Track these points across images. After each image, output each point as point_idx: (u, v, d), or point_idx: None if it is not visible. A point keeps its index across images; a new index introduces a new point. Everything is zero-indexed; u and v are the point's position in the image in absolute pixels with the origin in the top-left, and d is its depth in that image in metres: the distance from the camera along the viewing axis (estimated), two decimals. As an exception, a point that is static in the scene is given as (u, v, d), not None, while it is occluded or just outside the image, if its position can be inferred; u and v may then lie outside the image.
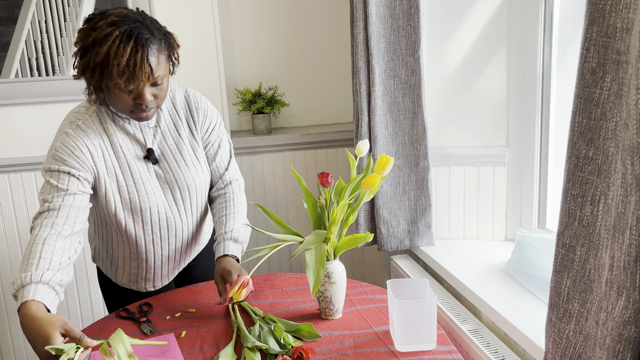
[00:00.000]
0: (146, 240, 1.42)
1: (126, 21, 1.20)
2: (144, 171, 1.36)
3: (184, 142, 1.41)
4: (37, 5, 2.14)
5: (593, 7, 0.88)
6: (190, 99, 1.43)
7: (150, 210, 1.37)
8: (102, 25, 1.19)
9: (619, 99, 0.86)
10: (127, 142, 1.35)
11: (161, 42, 1.23)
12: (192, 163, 1.41)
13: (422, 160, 1.83)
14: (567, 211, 0.98)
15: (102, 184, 1.32)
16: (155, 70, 1.21)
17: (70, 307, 2.28)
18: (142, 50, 1.18)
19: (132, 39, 1.17)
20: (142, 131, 1.36)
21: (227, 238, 1.39)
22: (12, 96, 2.10)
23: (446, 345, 1.18)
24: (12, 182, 2.15)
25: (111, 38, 1.17)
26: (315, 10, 2.38)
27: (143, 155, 1.36)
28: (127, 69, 1.17)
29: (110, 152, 1.33)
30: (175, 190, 1.40)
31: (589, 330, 0.96)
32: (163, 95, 1.28)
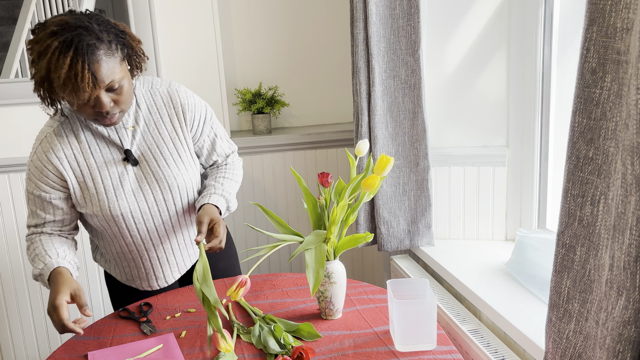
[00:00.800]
0: (127, 242, 1.40)
1: (67, 29, 1.13)
2: (121, 175, 1.33)
3: (164, 140, 1.36)
4: (37, 5, 2.14)
5: (593, 7, 0.88)
6: (174, 95, 1.37)
7: (124, 217, 1.34)
8: (42, 37, 1.14)
9: (619, 99, 0.86)
10: (104, 146, 1.32)
11: (111, 45, 1.18)
12: (173, 162, 1.37)
13: (422, 160, 1.83)
14: (567, 211, 0.98)
15: (73, 194, 1.33)
16: (103, 78, 1.15)
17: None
18: (83, 59, 1.12)
19: (71, 49, 1.11)
20: (118, 133, 1.32)
21: (217, 193, 1.38)
22: (12, 96, 2.10)
23: (446, 345, 1.18)
24: (12, 182, 2.15)
25: (50, 50, 1.12)
26: (315, 10, 2.38)
27: (122, 158, 1.33)
28: (68, 80, 1.12)
29: (81, 161, 1.31)
30: (156, 191, 1.36)
31: (589, 330, 0.96)
32: (125, 98, 1.23)
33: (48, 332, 2.29)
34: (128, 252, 1.43)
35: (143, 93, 1.37)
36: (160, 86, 1.38)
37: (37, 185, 1.31)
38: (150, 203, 1.36)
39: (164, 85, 1.39)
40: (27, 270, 2.22)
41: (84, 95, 1.15)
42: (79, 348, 1.27)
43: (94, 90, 1.15)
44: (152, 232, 1.40)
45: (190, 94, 1.41)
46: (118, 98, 1.21)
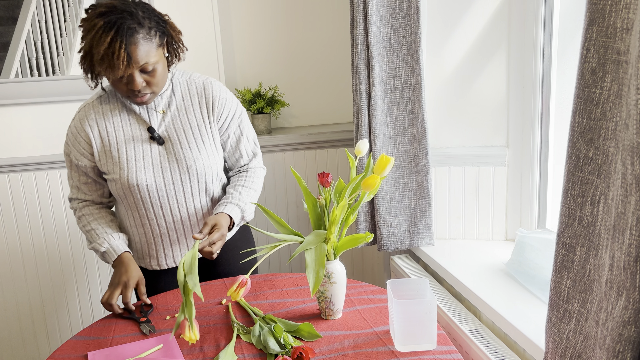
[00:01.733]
0: (141, 214, 1.49)
1: (113, 12, 1.27)
2: (144, 150, 1.43)
3: (191, 126, 1.46)
4: (37, 5, 2.14)
5: (593, 7, 0.88)
6: (208, 87, 1.48)
7: (139, 187, 1.43)
8: (91, 16, 1.28)
9: (619, 99, 0.86)
10: (134, 123, 1.44)
11: (150, 30, 1.30)
12: (196, 147, 1.45)
13: (422, 160, 1.83)
14: (567, 211, 0.98)
15: (97, 160, 1.45)
16: (137, 59, 1.28)
17: (70, 306, 2.28)
18: (121, 40, 1.25)
19: (113, 29, 1.25)
20: (148, 113, 1.44)
21: (234, 203, 1.47)
22: (12, 96, 2.10)
23: (446, 345, 1.18)
24: (12, 182, 2.15)
25: (95, 28, 1.26)
26: (315, 10, 2.38)
27: (148, 136, 1.44)
28: (105, 57, 1.25)
29: (110, 132, 1.43)
30: (175, 170, 1.45)
31: (589, 330, 0.96)
32: (157, 81, 1.35)
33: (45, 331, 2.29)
34: (141, 226, 1.51)
35: (180, 81, 1.48)
36: (197, 78, 1.50)
37: (71, 150, 1.46)
38: (167, 180, 1.45)
39: (202, 78, 1.51)
40: (27, 271, 2.22)
41: (118, 72, 1.27)
42: (79, 348, 1.27)
43: (127, 69, 1.28)
44: (166, 210, 1.48)
45: (225, 90, 1.51)
46: (150, 80, 1.34)
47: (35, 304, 2.25)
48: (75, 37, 2.19)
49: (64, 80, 2.13)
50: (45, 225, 2.20)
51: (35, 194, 2.17)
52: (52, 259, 2.23)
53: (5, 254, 2.19)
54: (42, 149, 2.16)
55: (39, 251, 2.21)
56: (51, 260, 2.23)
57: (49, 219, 2.20)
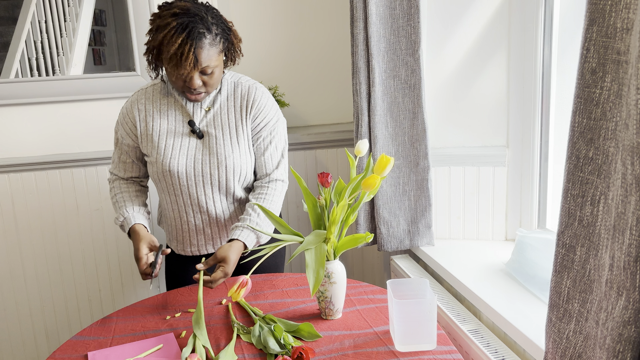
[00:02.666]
0: (171, 200, 1.57)
1: (187, 14, 1.36)
2: (183, 139, 1.52)
3: (229, 124, 1.53)
4: (37, 5, 2.14)
5: (593, 7, 0.88)
6: (251, 91, 1.54)
7: (171, 173, 1.51)
8: (165, 14, 1.37)
9: (619, 99, 0.86)
10: (179, 114, 1.53)
11: (216, 37, 1.39)
12: (230, 144, 1.52)
13: (422, 160, 1.83)
14: (567, 211, 0.98)
15: (141, 142, 1.54)
16: (201, 62, 1.37)
17: (69, 306, 2.28)
18: (191, 43, 1.34)
19: (185, 32, 1.33)
20: (194, 108, 1.52)
21: (250, 228, 1.49)
22: (12, 96, 2.10)
23: (446, 345, 1.18)
24: (12, 182, 2.15)
25: (168, 27, 1.34)
26: (315, 10, 2.38)
27: (189, 129, 1.52)
28: (174, 57, 1.34)
29: (156, 118, 1.52)
30: (206, 163, 1.52)
31: (589, 330, 0.96)
32: (213, 83, 1.44)
33: (47, 330, 2.29)
34: (171, 210, 1.60)
35: (229, 82, 1.55)
36: (245, 82, 1.57)
37: (118, 128, 1.57)
38: (197, 171, 1.52)
39: (250, 82, 1.57)
40: (26, 271, 2.22)
41: (183, 72, 1.36)
42: (79, 348, 1.27)
43: (192, 70, 1.37)
44: (193, 199, 1.55)
45: (267, 98, 1.57)
46: (207, 81, 1.42)
47: (34, 304, 2.25)
48: (75, 37, 2.19)
49: (64, 80, 2.13)
50: (44, 226, 2.20)
51: (35, 194, 2.17)
52: (52, 259, 2.23)
53: (5, 254, 2.19)
54: (42, 149, 2.16)
55: (39, 251, 2.21)
56: (51, 260, 2.23)
57: (49, 219, 2.20)
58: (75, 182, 2.19)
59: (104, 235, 2.25)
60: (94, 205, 2.22)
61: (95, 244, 2.25)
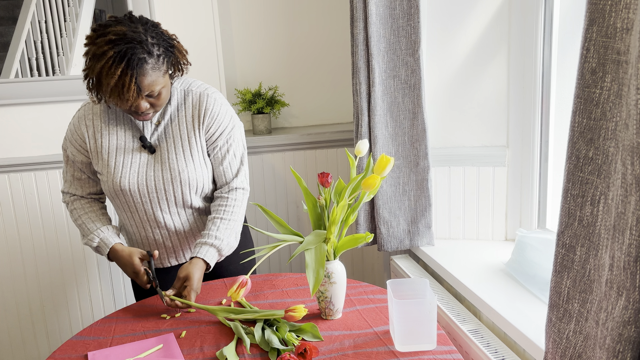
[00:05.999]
0: (128, 216, 1.53)
1: (123, 40, 1.25)
2: (134, 155, 1.46)
3: (181, 136, 1.46)
4: (37, 5, 2.14)
5: (593, 7, 0.88)
6: (203, 99, 1.46)
7: (130, 192, 1.46)
8: (100, 42, 1.26)
9: (619, 99, 0.86)
10: (127, 129, 1.46)
11: (159, 59, 1.30)
12: (183, 157, 1.46)
13: (422, 161, 1.83)
14: (567, 211, 0.98)
15: (92, 159, 1.48)
16: (145, 89, 1.29)
17: (70, 307, 2.28)
18: (131, 73, 1.25)
19: (123, 61, 1.24)
20: (143, 122, 1.46)
21: (209, 243, 1.44)
22: (12, 96, 2.10)
23: (446, 345, 1.18)
24: (12, 182, 2.15)
25: (105, 57, 1.25)
26: (315, 10, 2.38)
27: (140, 144, 1.46)
28: (115, 89, 1.26)
29: (105, 134, 1.45)
30: (159, 180, 1.46)
31: (589, 330, 0.96)
32: (161, 102, 1.37)
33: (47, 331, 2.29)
34: (129, 225, 1.56)
35: (178, 91, 1.48)
36: (196, 88, 1.48)
37: (67, 145, 1.50)
38: (151, 188, 1.46)
39: (201, 88, 1.49)
40: (27, 271, 2.22)
41: (127, 103, 1.31)
42: (79, 348, 1.27)
43: (136, 100, 1.30)
44: (150, 215, 1.50)
45: (221, 105, 1.49)
46: (155, 102, 1.35)
47: (35, 304, 2.25)
48: (75, 37, 2.19)
49: (64, 80, 2.13)
50: (45, 225, 2.20)
51: (35, 194, 2.17)
52: (52, 259, 2.23)
53: (5, 254, 2.19)
54: (42, 149, 2.16)
55: (39, 251, 2.21)
56: (51, 260, 2.23)
57: (49, 219, 2.20)
58: (75, 182, 2.19)
59: (104, 235, 2.25)
60: (94, 205, 2.22)
61: (95, 244, 2.25)
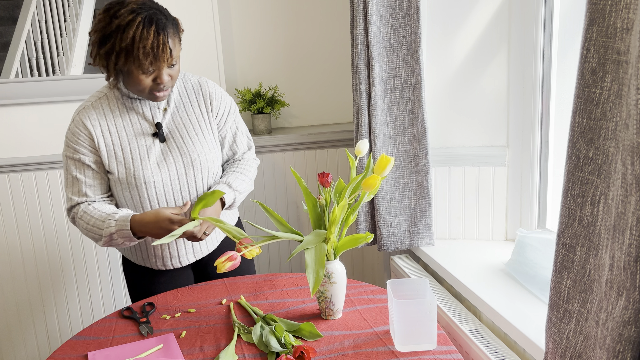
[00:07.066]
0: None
1: (144, 8, 1.31)
2: (149, 148, 1.44)
3: (191, 122, 1.49)
4: (37, 5, 2.14)
5: (593, 7, 0.88)
6: (204, 85, 1.52)
7: (146, 185, 1.43)
8: (123, 13, 1.29)
9: (619, 99, 0.86)
10: (136, 122, 1.45)
11: (174, 27, 1.35)
12: (198, 141, 1.48)
13: (422, 161, 1.83)
14: (567, 211, 0.98)
15: (104, 159, 1.44)
16: (173, 52, 1.33)
17: (70, 307, 2.28)
18: (163, 34, 1.30)
19: (153, 24, 1.29)
20: (151, 111, 1.46)
21: (222, 182, 1.50)
22: (12, 96, 2.10)
23: (446, 345, 1.18)
24: (12, 182, 2.15)
25: (134, 24, 1.27)
26: (315, 10, 2.38)
27: (152, 132, 1.45)
28: (151, 51, 1.28)
29: (113, 131, 1.43)
30: (180, 165, 1.46)
31: (589, 330, 0.96)
32: (176, 75, 1.40)
33: (48, 332, 2.29)
34: None
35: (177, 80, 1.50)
36: (191, 77, 1.54)
37: (74, 149, 1.43)
38: (173, 175, 1.46)
39: (195, 77, 1.54)
40: (27, 271, 2.22)
41: (160, 66, 1.32)
42: (79, 348, 1.27)
43: (168, 62, 1.32)
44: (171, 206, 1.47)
45: (219, 87, 1.56)
46: (173, 74, 1.38)
47: (35, 304, 2.25)
48: (75, 37, 2.19)
49: (64, 80, 2.13)
50: (45, 225, 2.20)
51: (35, 194, 2.17)
52: (52, 259, 2.23)
53: (5, 253, 2.19)
54: (42, 149, 2.16)
55: (39, 251, 2.21)
56: (51, 260, 2.23)
57: (49, 219, 2.20)
58: (75, 182, 2.19)
59: (104, 235, 2.25)
60: (94, 205, 2.22)
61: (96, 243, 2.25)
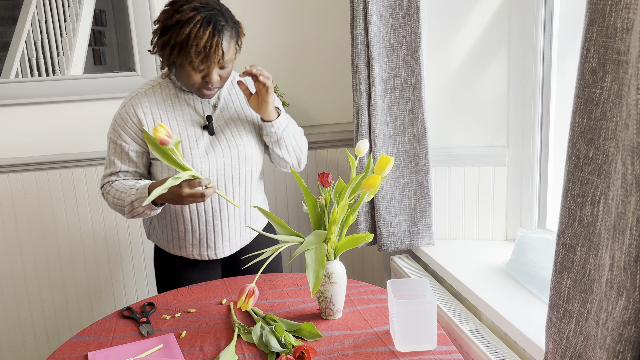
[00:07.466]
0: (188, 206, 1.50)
1: (206, 8, 1.36)
2: (198, 138, 1.48)
3: (239, 117, 1.55)
4: (37, 5, 2.14)
5: (593, 7, 0.88)
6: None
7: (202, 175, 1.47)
8: (185, 9, 1.35)
9: (619, 99, 0.86)
10: (187, 113, 1.50)
11: (232, 30, 1.40)
12: (245, 135, 1.53)
13: (422, 160, 1.83)
14: (567, 211, 0.98)
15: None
16: (225, 54, 1.38)
17: (69, 306, 2.28)
18: (218, 36, 1.35)
19: (210, 25, 1.34)
20: (202, 105, 1.52)
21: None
22: (12, 96, 2.10)
23: (446, 345, 1.18)
24: (12, 182, 2.15)
25: (193, 21, 1.33)
26: (315, 10, 2.38)
27: (202, 125, 1.50)
28: (203, 50, 1.34)
29: (164, 118, 1.48)
30: (227, 156, 1.50)
31: (589, 331, 0.96)
32: (226, 77, 1.45)
33: (47, 331, 2.29)
34: (188, 213, 1.52)
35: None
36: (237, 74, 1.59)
37: (120, 135, 1.48)
38: (219, 166, 1.49)
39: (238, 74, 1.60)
40: (26, 271, 2.22)
41: (210, 66, 1.37)
42: (79, 348, 1.27)
43: (218, 63, 1.38)
44: (215, 196, 1.50)
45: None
46: (223, 75, 1.43)
47: (35, 304, 2.25)
48: (75, 37, 2.19)
49: (64, 80, 2.13)
50: (45, 226, 2.20)
51: (35, 194, 2.17)
52: (52, 259, 2.23)
53: (5, 254, 2.19)
54: (42, 149, 2.16)
55: (39, 251, 2.21)
56: (51, 260, 2.23)
57: (49, 219, 2.20)
58: (75, 182, 2.19)
59: (104, 235, 2.25)
60: (94, 205, 2.22)
61: (96, 243, 2.25)
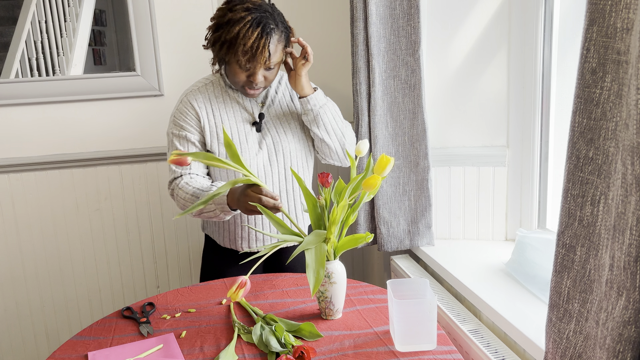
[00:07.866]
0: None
1: (258, 10, 1.42)
2: (247, 133, 1.56)
3: (284, 115, 1.61)
4: (37, 5, 2.14)
5: (593, 7, 0.88)
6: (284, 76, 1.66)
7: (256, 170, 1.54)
8: (238, 8, 1.42)
9: (619, 99, 0.86)
10: (237, 110, 1.57)
11: (282, 34, 1.46)
12: (290, 132, 1.59)
13: (422, 161, 1.83)
14: (567, 211, 0.98)
15: (207, 139, 1.55)
16: (272, 57, 1.43)
17: (69, 307, 2.28)
18: (266, 38, 1.40)
19: (259, 26, 1.40)
20: (250, 102, 1.59)
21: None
22: (12, 96, 2.10)
23: (446, 345, 1.18)
24: (12, 182, 2.15)
25: (243, 21, 1.39)
26: (315, 10, 2.38)
27: (252, 121, 1.57)
28: (250, 50, 1.39)
29: (217, 114, 1.55)
30: (272, 153, 1.56)
31: (589, 331, 0.96)
32: (271, 79, 1.51)
33: (47, 332, 2.29)
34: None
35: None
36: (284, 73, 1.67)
37: (181, 126, 1.55)
38: (265, 162, 1.56)
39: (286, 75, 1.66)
40: (26, 271, 2.22)
41: (256, 66, 1.43)
42: (79, 348, 1.27)
43: (263, 64, 1.43)
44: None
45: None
46: (269, 76, 1.49)
47: (34, 304, 2.25)
48: (75, 37, 2.19)
49: (64, 80, 2.13)
50: (45, 226, 2.20)
51: (35, 194, 2.17)
52: (52, 259, 2.23)
53: (5, 254, 2.19)
54: (42, 149, 2.16)
55: (39, 251, 2.21)
56: (51, 260, 2.23)
57: (49, 219, 2.20)
58: (75, 182, 2.19)
59: (104, 235, 2.25)
60: (94, 205, 2.22)
61: (95, 244, 2.25)
